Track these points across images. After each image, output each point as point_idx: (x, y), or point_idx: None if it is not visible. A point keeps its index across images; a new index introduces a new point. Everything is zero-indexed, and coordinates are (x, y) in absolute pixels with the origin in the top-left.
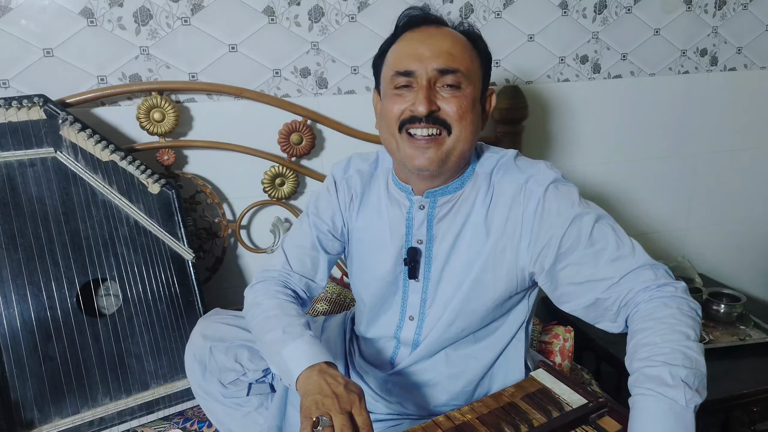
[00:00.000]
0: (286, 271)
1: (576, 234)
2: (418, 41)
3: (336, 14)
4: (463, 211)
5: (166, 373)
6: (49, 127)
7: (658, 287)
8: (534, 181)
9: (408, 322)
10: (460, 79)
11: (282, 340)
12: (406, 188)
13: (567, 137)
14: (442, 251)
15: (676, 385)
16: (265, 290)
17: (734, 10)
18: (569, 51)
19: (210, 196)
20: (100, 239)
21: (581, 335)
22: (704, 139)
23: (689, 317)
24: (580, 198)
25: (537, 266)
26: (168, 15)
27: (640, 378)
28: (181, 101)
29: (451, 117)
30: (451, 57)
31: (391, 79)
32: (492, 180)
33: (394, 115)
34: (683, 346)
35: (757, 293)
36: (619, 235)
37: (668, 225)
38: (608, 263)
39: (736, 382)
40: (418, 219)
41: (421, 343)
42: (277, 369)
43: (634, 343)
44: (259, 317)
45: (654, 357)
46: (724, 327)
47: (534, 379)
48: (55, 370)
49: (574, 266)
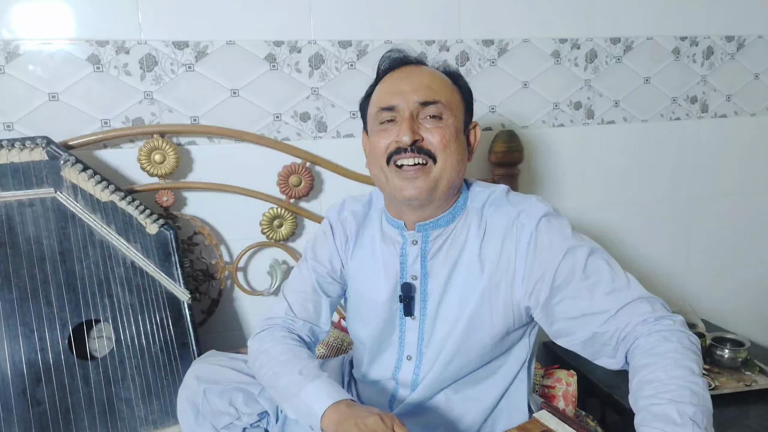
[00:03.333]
0: (290, 318)
1: (570, 267)
2: (399, 79)
3: (336, 61)
4: (456, 246)
5: (157, 419)
6: (50, 168)
7: (656, 320)
8: (526, 215)
9: (406, 362)
10: (442, 110)
11: (300, 381)
12: (399, 224)
13: (563, 181)
14: (437, 288)
15: (685, 423)
16: (271, 337)
17: (722, 59)
18: (563, 97)
19: (208, 237)
20: (96, 279)
21: (584, 381)
22: (699, 184)
23: (691, 351)
24: (573, 231)
25: (532, 300)
26: (173, 62)
27: (647, 417)
28: (183, 144)
29: (435, 146)
30: (431, 90)
31: (376, 116)
32: (484, 214)
33: (381, 149)
34: (689, 382)
35: (759, 338)
36: (614, 267)
37: (667, 269)
38: (604, 296)
39: (744, 428)
40: (411, 255)
41: (420, 384)
42: (294, 412)
43: (638, 380)
44: (269, 363)
45: (660, 394)
46: (729, 373)
47: (537, 420)
48: (42, 414)
49: (569, 300)
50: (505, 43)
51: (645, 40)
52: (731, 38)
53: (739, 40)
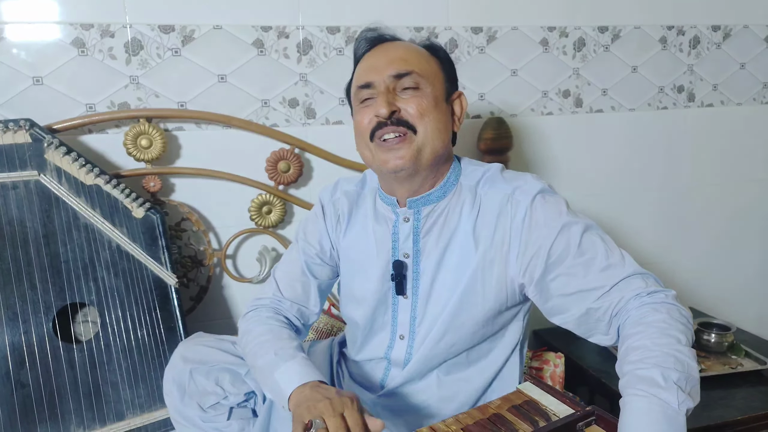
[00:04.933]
0: (277, 299)
1: (565, 244)
2: (373, 56)
3: (324, 47)
4: (450, 224)
5: (143, 403)
6: (33, 151)
7: (648, 294)
8: (521, 192)
9: (398, 341)
10: (417, 80)
11: (274, 362)
12: (392, 200)
13: (552, 168)
14: (430, 266)
15: (669, 387)
16: (257, 318)
17: (708, 49)
18: (551, 86)
19: (196, 223)
20: (80, 263)
21: (574, 367)
22: (686, 173)
23: (680, 322)
24: (568, 208)
25: (526, 277)
26: (159, 46)
27: (631, 380)
28: (170, 129)
29: (412, 116)
30: (404, 61)
31: (356, 95)
32: (478, 192)
33: (364, 126)
34: (675, 349)
35: (748, 327)
36: (608, 244)
37: (654, 257)
38: (598, 273)
39: (730, 409)
40: (403, 232)
41: (410, 361)
42: (270, 392)
43: (625, 347)
44: (251, 344)
45: (645, 359)
46: (715, 357)
47: (521, 391)
48: (27, 398)
49: (564, 277)
50: (494, 31)
51: (632, 29)
52: (717, 28)
53: (725, 30)
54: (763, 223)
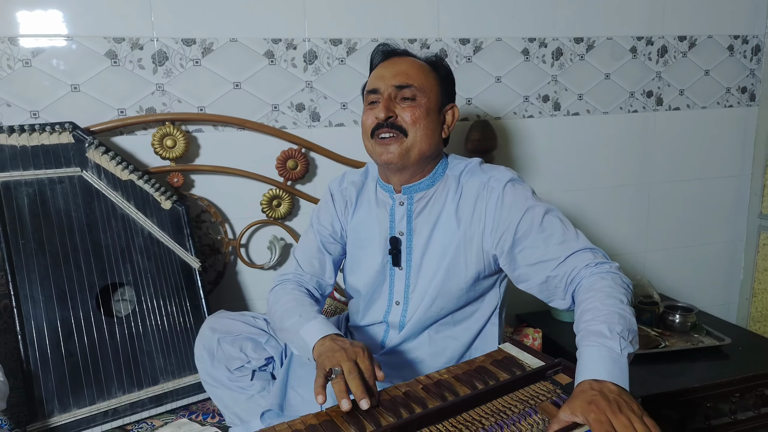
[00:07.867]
0: (298, 273)
1: (529, 222)
2: (383, 67)
3: (328, 57)
4: (437, 207)
5: (174, 370)
6: (76, 150)
7: (596, 265)
8: (494, 180)
9: (395, 306)
10: (415, 92)
11: (299, 323)
12: (389, 187)
13: (532, 167)
14: (421, 243)
15: (613, 337)
16: (282, 290)
17: (675, 57)
18: (532, 91)
19: (214, 215)
20: (118, 248)
21: (552, 345)
22: (656, 171)
23: (622, 287)
24: (533, 194)
25: (498, 249)
26: (182, 57)
27: (584, 334)
28: (191, 131)
29: (406, 123)
30: (406, 75)
31: (365, 97)
32: (461, 180)
33: (368, 125)
34: (618, 308)
35: (709, 309)
36: (565, 224)
37: (627, 248)
38: (555, 246)
39: (690, 378)
40: (399, 214)
41: (406, 324)
42: (296, 348)
43: (580, 311)
44: (279, 310)
45: (595, 318)
46: (679, 335)
47: (502, 349)
48: (74, 364)
49: (528, 249)
50: (480, 42)
51: (605, 39)
52: (684, 38)
53: (690, 40)
54: (724, 216)
